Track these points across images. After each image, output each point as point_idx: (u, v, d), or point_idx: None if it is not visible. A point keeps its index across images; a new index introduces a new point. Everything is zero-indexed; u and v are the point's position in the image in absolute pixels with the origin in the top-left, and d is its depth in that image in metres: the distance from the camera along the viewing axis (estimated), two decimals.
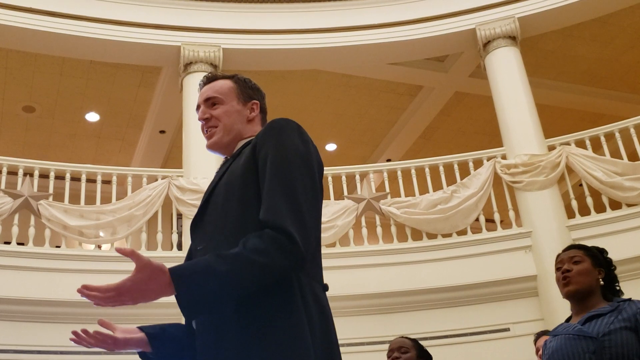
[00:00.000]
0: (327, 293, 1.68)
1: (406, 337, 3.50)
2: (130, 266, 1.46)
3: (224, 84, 1.90)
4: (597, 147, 8.00)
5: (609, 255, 2.68)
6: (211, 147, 1.88)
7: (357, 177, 8.22)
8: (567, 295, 2.56)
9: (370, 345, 6.85)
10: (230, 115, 1.86)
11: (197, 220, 1.76)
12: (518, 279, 7.30)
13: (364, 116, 10.71)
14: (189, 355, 1.68)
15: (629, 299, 2.49)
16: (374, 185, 8.13)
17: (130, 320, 6.84)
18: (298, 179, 1.60)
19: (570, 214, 7.60)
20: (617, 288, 2.61)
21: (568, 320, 2.60)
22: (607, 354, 2.33)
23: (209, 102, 1.88)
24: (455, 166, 8.16)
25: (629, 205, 7.36)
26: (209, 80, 1.93)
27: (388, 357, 3.39)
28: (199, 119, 1.90)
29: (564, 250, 2.68)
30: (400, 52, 9.13)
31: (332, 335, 1.60)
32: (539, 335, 4.06)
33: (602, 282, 2.56)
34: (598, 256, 2.61)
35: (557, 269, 2.62)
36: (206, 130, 1.88)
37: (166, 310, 6.89)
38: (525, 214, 7.65)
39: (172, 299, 1.49)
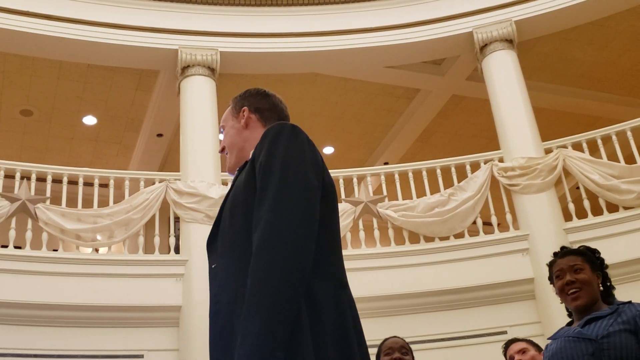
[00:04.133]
0: None
1: (400, 338, 3.48)
2: (127, 270, 1.46)
3: (227, 110, 2.00)
4: (594, 150, 8.01)
5: (606, 257, 2.68)
6: (229, 172, 1.95)
7: (355, 180, 8.22)
8: (576, 309, 2.53)
9: (368, 348, 6.84)
10: (228, 135, 1.95)
11: (211, 238, 1.76)
12: (515, 282, 7.30)
13: (361, 119, 10.71)
14: None
15: (629, 302, 2.49)
16: (371, 189, 8.14)
17: (131, 323, 6.84)
18: (285, 186, 1.56)
19: (568, 217, 7.61)
20: (608, 284, 2.60)
21: (569, 324, 2.59)
22: (605, 356, 2.32)
23: (221, 134, 2.00)
24: (453, 169, 8.16)
25: (626, 208, 7.37)
26: None
27: (386, 355, 3.34)
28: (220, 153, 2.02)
29: (561, 256, 2.64)
30: (398, 55, 9.13)
31: (349, 335, 1.57)
32: (507, 344, 3.79)
33: (601, 288, 2.56)
34: (594, 259, 2.61)
35: (557, 277, 2.59)
36: None
37: (166, 313, 6.90)
38: (523, 217, 7.66)
39: (169, 301, 1.48)
